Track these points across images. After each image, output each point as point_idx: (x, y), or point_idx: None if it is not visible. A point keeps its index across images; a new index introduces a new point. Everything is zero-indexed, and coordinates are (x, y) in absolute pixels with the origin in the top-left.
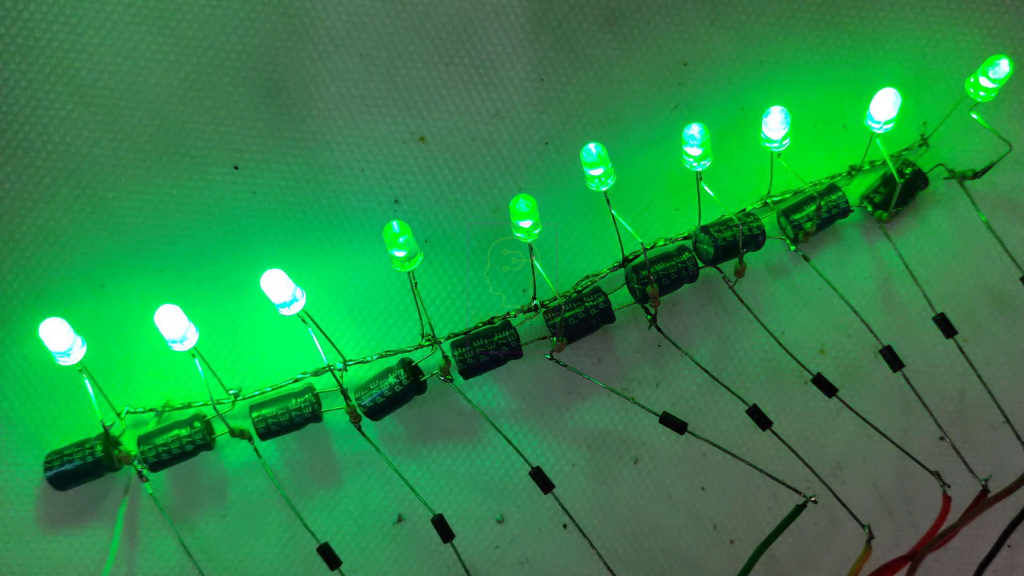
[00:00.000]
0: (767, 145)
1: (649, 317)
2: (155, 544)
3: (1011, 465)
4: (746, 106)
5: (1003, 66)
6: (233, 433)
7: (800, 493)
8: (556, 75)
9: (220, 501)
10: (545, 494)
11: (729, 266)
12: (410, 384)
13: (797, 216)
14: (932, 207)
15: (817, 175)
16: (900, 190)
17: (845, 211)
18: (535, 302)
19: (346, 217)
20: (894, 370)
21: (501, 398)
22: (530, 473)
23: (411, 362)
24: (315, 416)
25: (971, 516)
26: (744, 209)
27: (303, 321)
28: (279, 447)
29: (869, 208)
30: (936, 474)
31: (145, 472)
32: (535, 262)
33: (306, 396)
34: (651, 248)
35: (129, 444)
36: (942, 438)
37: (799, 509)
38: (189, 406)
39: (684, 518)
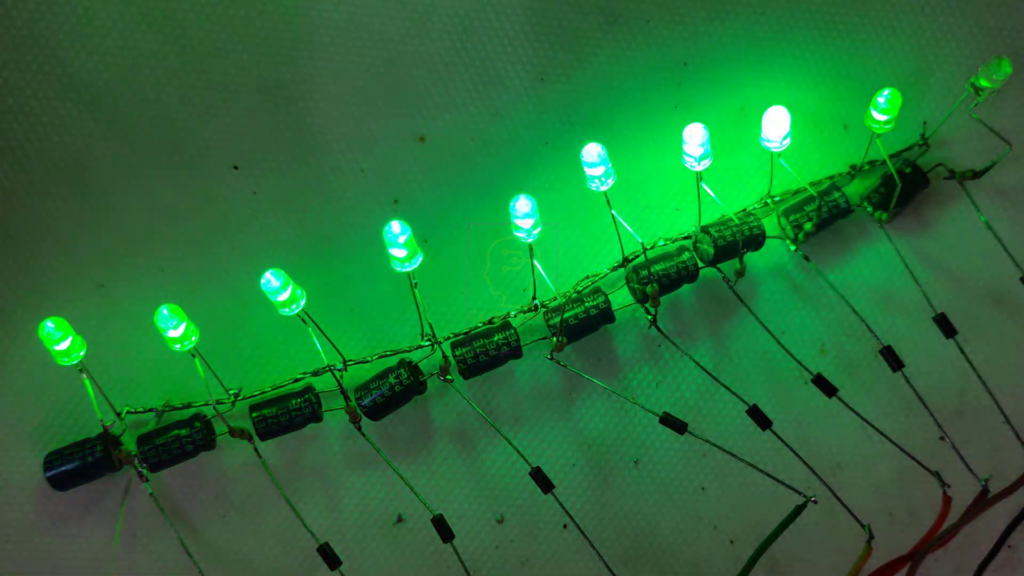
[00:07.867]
0: (767, 145)
1: (649, 317)
2: (155, 544)
3: (1011, 465)
4: (746, 106)
5: (1003, 66)
6: (233, 433)
7: (800, 493)
8: (556, 75)
9: (220, 501)
10: (545, 494)
11: (729, 266)
12: (410, 384)
13: (797, 216)
14: (932, 207)
15: (817, 175)
16: (900, 190)
17: (845, 211)
18: (535, 302)
19: (346, 217)
20: (894, 370)
21: (501, 398)
22: (530, 473)
23: (411, 362)
24: (315, 416)
25: (971, 516)
26: (744, 209)
27: (303, 321)
28: (279, 447)
29: (869, 208)
30: (936, 474)
31: (145, 472)
32: (535, 262)
33: (306, 396)
34: (651, 248)
35: (129, 444)
36: (942, 438)
37: (799, 509)
38: (189, 406)
39: (684, 518)
